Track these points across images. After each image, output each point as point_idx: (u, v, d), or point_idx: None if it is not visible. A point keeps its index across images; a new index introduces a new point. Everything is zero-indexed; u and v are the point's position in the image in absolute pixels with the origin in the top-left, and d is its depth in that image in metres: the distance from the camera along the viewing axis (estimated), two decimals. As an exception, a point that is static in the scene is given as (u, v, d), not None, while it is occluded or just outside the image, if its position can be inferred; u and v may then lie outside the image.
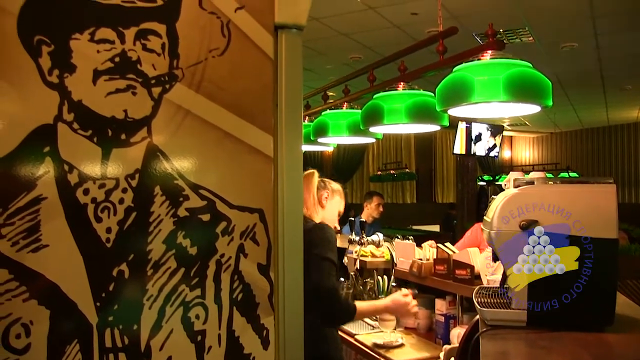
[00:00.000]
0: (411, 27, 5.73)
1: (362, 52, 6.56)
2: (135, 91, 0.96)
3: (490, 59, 2.45)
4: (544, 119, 11.16)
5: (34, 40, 0.92)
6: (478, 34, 5.72)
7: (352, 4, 5.01)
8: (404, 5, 5.13)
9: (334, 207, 2.80)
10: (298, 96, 1.10)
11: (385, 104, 3.03)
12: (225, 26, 1.02)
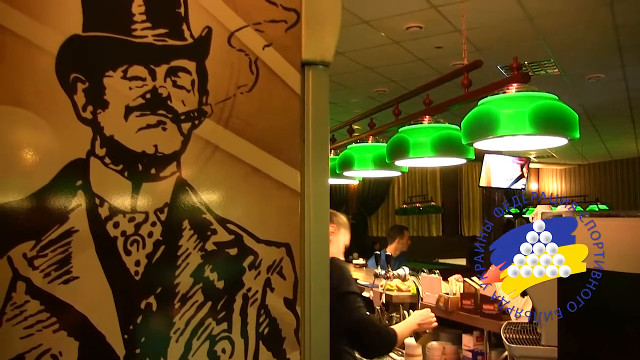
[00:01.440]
0: (436, 60, 5.76)
1: (387, 85, 6.61)
2: (166, 127, 0.98)
3: (515, 92, 2.45)
4: (572, 150, 11.04)
5: (70, 78, 0.95)
6: (503, 66, 5.73)
7: (376, 38, 5.07)
8: (428, 39, 5.17)
9: (339, 241, 2.79)
10: (325, 131, 1.11)
11: (410, 138, 3.04)
12: (253, 63, 1.04)
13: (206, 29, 1.02)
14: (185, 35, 1.01)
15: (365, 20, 4.73)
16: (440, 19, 4.75)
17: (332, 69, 1.11)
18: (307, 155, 1.08)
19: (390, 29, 4.95)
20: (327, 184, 1.11)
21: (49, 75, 0.95)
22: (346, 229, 2.83)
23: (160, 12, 1.00)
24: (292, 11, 1.08)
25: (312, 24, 1.09)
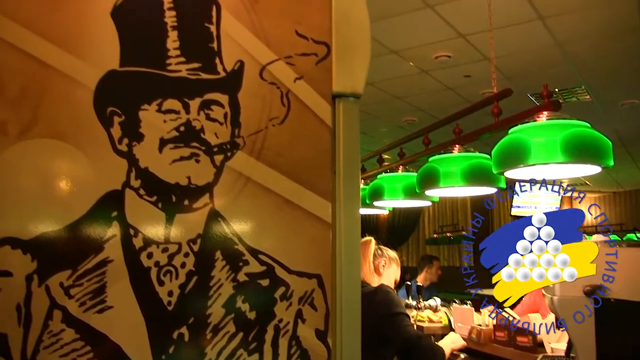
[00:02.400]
0: (465, 89, 5.76)
1: (416, 114, 6.62)
2: (199, 159, 1.00)
3: (546, 120, 2.43)
4: (606, 178, 10.82)
5: (107, 111, 0.98)
6: (533, 94, 5.69)
7: (405, 68, 5.10)
8: (457, 68, 5.18)
9: (390, 275, 2.85)
10: (356, 163, 1.12)
11: (440, 167, 3.02)
12: (284, 96, 1.06)
13: (238, 63, 1.05)
14: (218, 69, 1.04)
15: (394, 50, 4.77)
16: (469, 47, 4.76)
17: (362, 99, 1.12)
18: (338, 187, 1.08)
19: (419, 58, 4.97)
20: (358, 214, 1.11)
21: (87, 109, 0.98)
22: (397, 263, 2.89)
23: (194, 46, 1.03)
24: (322, 44, 1.10)
25: (342, 57, 1.10)
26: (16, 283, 0.91)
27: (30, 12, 0.98)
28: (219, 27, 1.05)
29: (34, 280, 0.92)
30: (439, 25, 4.47)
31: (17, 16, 0.97)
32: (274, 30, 1.07)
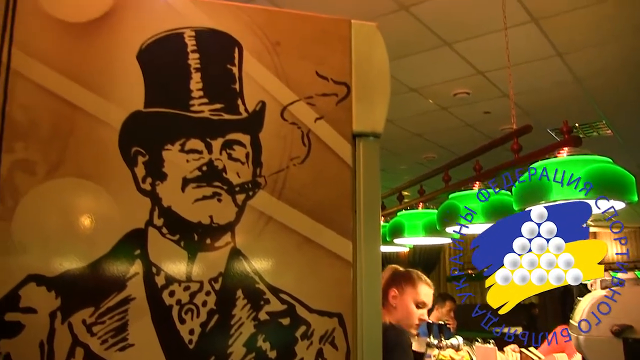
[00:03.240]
0: (484, 125, 5.76)
1: (436, 151, 6.62)
2: (221, 198, 1.02)
3: (567, 156, 2.42)
4: (631, 212, 10.60)
5: (132, 151, 1.00)
6: (553, 129, 5.67)
7: (425, 105, 5.13)
8: (476, 105, 5.20)
9: (404, 307, 2.46)
10: (376, 202, 1.12)
11: (461, 204, 3.01)
12: (305, 136, 1.08)
13: (260, 104, 1.07)
14: (240, 109, 1.06)
15: (414, 88, 4.81)
16: (488, 84, 4.78)
17: (382, 137, 1.13)
18: (358, 225, 1.09)
19: (438, 95, 5.00)
20: (379, 253, 1.11)
21: (112, 149, 1.00)
22: (416, 293, 2.77)
23: (216, 88, 1.06)
24: (342, 85, 1.11)
25: (362, 97, 1.12)
26: (40, 320, 0.92)
27: (61, 56, 1.01)
28: (241, 68, 1.07)
29: (57, 318, 0.93)
30: (458, 63, 4.51)
31: (48, 60, 1.00)
32: (295, 72, 1.10)
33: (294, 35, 1.12)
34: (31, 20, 1.01)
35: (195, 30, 1.07)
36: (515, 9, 3.89)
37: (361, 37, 1.16)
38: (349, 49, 1.14)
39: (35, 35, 1.01)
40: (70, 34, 1.02)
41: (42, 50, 1.00)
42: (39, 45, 1.01)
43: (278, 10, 1.15)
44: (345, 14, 3.32)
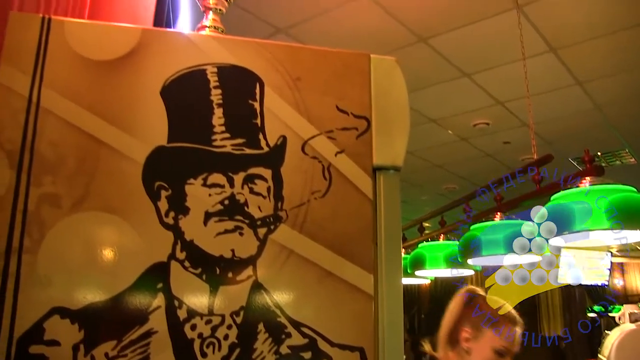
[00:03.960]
0: (505, 155, 5.75)
1: (456, 182, 6.60)
2: (243, 232, 1.02)
3: (589, 186, 2.39)
4: (658, 245, 10.41)
5: (155, 185, 1.02)
6: (574, 158, 5.63)
7: (444, 136, 5.13)
8: (496, 135, 5.19)
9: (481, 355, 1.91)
10: (397, 234, 1.12)
11: (482, 235, 2.98)
12: (326, 169, 1.09)
13: (281, 138, 1.08)
14: (261, 144, 1.07)
15: (433, 119, 4.82)
16: (507, 114, 4.78)
17: (402, 169, 1.13)
18: (380, 258, 1.08)
19: (457, 126, 5.01)
20: (400, 286, 1.11)
21: (136, 183, 1.02)
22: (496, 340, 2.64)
23: (238, 123, 1.07)
24: (362, 119, 1.13)
25: (382, 131, 1.13)
26: (63, 353, 0.93)
27: (88, 93, 1.04)
28: (262, 103, 1.09)
29: (80, 350, 0.93)
30: (477, 94, 4.52)
31: (75, 97, 1.03)
32: (315, 106, 1.11)
33: (315, 70, 1.14)
34: (60, 59, 1.04)
35: (217, 67, 1.10)
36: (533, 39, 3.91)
37: (380, 71, 1.18)
38: (369, 83, 1.16)
39: (63, 74, 1.04)
40: (97, 72, 1.05)
41: (70, 87, 1.03)
42: (67, 83, 1.04)
43: (298, 46, 1.18)
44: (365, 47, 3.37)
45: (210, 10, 1.40)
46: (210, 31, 1.33)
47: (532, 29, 3.89)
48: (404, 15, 3.79)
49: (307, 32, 3.94)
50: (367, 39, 3.88)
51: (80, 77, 1.04)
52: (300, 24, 3.89)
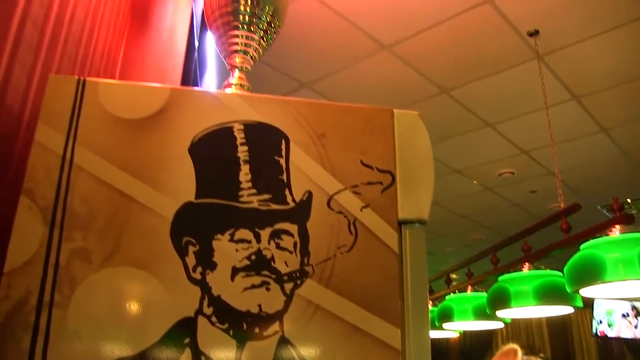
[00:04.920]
0: (531, 204, 5.69)
1: (482, 232, 6.53)
2: (269, 287, 1.03)
3: (620, 235, 2.35)
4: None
5: (183, 241, 1.03)
6: (603, 206, 5.53)
7: (469, 186, 5.11)
8: (522, 184, 5.15)
9: None
10: (424, 288, 1.12)
11: (511, 287, 2.93)
12: (351, 224, 1.09)
13: (307, 194, 1.10)
14: (287, 199, 1.09)
15: (457, 170, 4.82)
16: (532, 163, 4.76)
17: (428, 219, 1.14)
18: (407, 312, 1.07)
19: (482, 176, 4.99)
20: (428, 340, 1.09)
21: (164, 239, 1.03)
22: None
23: (264, 179, 1.09)
24: (387, 173, 1.14)
25: (406, 184, 1.14)
26: (91, 408, 0.93)
27: (119, 150, 1.07)
28: (288, 159, 1.11)
29: (107, 406, 0.93)
30: (501, 143, 4.52)
31: (107, 154, 1.06)
32: (340, 161, 1.13)
33: (339, 126, 1.17)
34: (94, 118, 1.08)
35: (243, 124, 1.12)
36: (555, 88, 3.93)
37: (404, 125, 1.20)
38: (393, 137, 1.18)
39: (96, 132, 1.08)
40: (128, 130, 1.09)
41: (102, 145, 1.07)
42: (99, 141, 1.07)
43: (322, 103, 1.20)
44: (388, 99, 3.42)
45: (236, 69, 1.45)
46: (237, 89, 1.37)
47: (554, 77, 3.91)
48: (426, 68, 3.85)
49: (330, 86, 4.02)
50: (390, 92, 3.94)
51: (112, 135, 1.08)
52: (323, 79, 3.98)
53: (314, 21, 3.47)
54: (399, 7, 3.39)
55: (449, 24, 3.51)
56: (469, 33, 3.58)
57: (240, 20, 1.44)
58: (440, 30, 3.56)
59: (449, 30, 3.55)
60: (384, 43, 3.68)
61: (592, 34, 3.57)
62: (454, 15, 3.44)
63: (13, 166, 1.23)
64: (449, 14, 3.44)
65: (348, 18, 3.46)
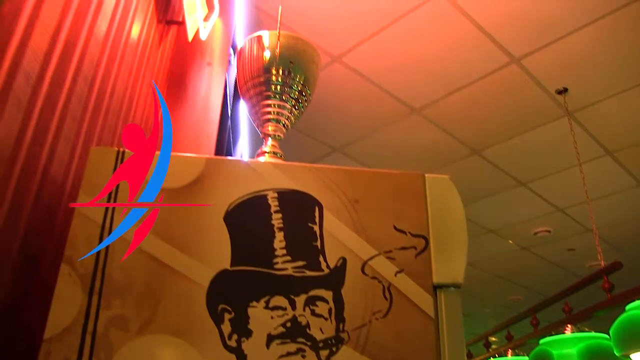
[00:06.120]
0: (570, 263, 5.55)
1: (520, 292, 6.37)
2: (305, 354, 1.02)
3: (667, 294, 2.27)
4: None
5: (219, 308, 1.04)
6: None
7: (504, 246, 5.03)
8: (559, 242, 5.05)
9: None
10: (461, 351, 1.09)
11: (554, 350, 2.83)
12: (386, 289, 1.09)
13: (341, 260, 1.10)
14: (322, 266, 1.09)
15: (492, 230, 4.76)
16: (569, 220, 4.68)
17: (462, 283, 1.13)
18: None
19: (517, 235, 4.92)
20: (468, 409, 1.06)
21: (200, 306, 1.04)
22: None
23: (299, 246, 1.10)
24: (420, 237, 1.14)
25: (440, 248, 1.14)
26: None
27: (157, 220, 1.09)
28: (321, 226, 1.13)
29: None
30: (535, 201, 4.47)
31: (144, 223, 1.09)
32: (373, 227, 1.14)
33: (371, 192, 1.18)
34: (132, 189, 1.12)
35: (277, 192, 1.15)
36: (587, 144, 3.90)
37: (435, 190, 1.21)
38: (425, 202, 1.19)
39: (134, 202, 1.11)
40: (165, 199, 1.12)
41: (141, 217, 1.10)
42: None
43: (355, 169, 1.22)
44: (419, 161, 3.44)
45: (269, 137, 1.49)
46: (270, 157, 1.41)
47: (586, 134, 3.90)
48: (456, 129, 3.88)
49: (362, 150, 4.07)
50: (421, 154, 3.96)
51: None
52: (355, 143, 4.03)
53: (344, 87, 3.56)
54: (427, 70, 3.45)
55: (477, 85, 3.55)
56: (498, 93, 3.62)
57: (273, 90, 1.49)
58: (469, 92, 3.60)
59: (477, 91, 3.59)
60: (414, 106, 3.73)
61: (622, 89, 3.57)
62: (481, 76, 3.49)
63: (55, 234, 1.27)
64: (477, 76, 3.49)
65: (377, 83, 3.54)
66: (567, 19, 3.09)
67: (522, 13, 3.03)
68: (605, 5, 2.99)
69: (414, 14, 3.06)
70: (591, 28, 3.14)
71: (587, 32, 3.16)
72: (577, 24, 3.13)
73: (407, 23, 3.12)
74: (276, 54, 1.49)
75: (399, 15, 3.09)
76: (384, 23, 3.13)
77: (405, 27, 3.14)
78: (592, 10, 3.04)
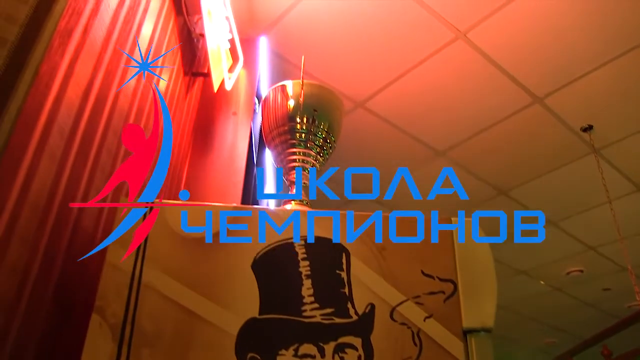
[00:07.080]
0: (606, 303, 5.39)
1: (556, 335, 6.19)
2: None
3: None
4: None
5: (248, 357, 1.04)
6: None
7: (536, 287, 4.92)
8: (593, 282, 4.93)
9: None
10: (494, 397, 1.07)
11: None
12: (416, 335, 1.08)
13: (369, 306, 1.10)
14: (350, 313, 1.09)
15: (523, 271, 4.67)
16: (602, 259, 4.57)
17: (495, 324, 1.11)
18: None
19: (549, 276, 4.82)
20: None
21: (230, 356, 1.04)
22: None
23: (327, 293, 1.10)
24: (448, 282, 1.13)
25: (469, 293, 1.13)
26: None
27: (184, 269, 1.11)
28: (349, 273, 1.12)
29: None
30: (566, 241, 4.39)
31: (173, 273, 1.10)
32: (401, 273, 1.13)
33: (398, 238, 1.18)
34: (161, 239, 1.14)
35: (304, 239, 1.15)
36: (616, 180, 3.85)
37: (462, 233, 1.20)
38: (452, 247, 1.18)
39: (163, 252, 1.13)
40: (194, 249, 1.13)
41: (169, 264, 1.11)
42: (166, 260, 1.12)
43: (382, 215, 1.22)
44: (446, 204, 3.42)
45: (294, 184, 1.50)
46: (296, 204, 1.42)
47: (614, 170, 3.85)
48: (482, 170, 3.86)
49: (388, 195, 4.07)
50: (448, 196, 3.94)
51: (178, 254, 1.12)
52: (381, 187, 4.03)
53: (369, 132, 3.59)
54: (450, 113, 3.47)
55: (501, 126, 3.55)
56: (522, 133, 3.61)
57: (297, 138, 1.51)
58: (493, 133, 3.60)
59: (501, 132, 3.59)
60: (438, 149, 3.74)
61: (647, 125, 3.53)
62: (505, 117, 3.49)
63: (86, 284, 1.28)
64: (501, 117, 3.49)
65: (401, 127, 3.56)
66: (588, 57, 3.10)
67: (543, 52, 3.04)
68: (625, 42, 3.00)
69: (434, 59, 3.10)
70: (612, 65, 3.14)
71: (608, 68, 3.16)
72: (598, 61, 3.13)
73: (427, 67, 3.16)
74: (300, 102, 1.51)
75: (420, 60, 3.13)
76: (405, 68, 3.18)
77: (426, 71, 3.18)
78: (613, 48, 3.04)
